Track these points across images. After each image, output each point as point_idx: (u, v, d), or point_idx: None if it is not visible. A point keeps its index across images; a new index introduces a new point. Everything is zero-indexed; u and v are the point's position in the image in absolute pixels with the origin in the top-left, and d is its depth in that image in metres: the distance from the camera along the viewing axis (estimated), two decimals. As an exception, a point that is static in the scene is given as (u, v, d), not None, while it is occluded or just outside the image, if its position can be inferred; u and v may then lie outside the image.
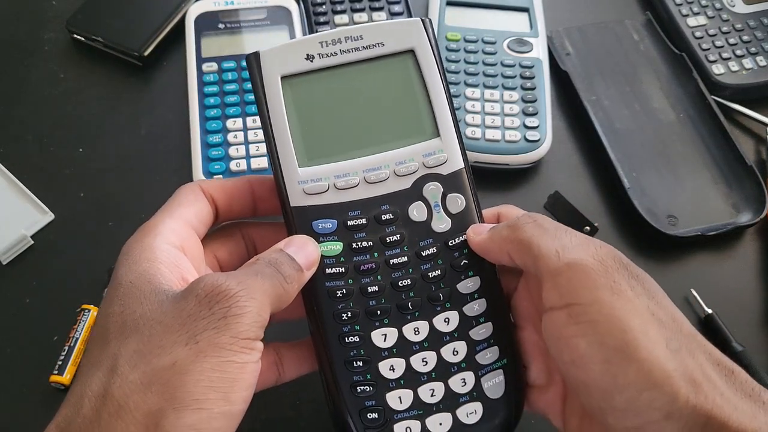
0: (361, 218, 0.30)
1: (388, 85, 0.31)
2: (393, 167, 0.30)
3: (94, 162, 0.48)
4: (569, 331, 0.25)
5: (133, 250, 0.27)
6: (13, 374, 0.39)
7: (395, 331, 0.29)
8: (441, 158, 0.31)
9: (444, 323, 0.30)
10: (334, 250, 0.29)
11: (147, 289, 0.25)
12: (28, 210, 0.45)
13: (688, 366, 0.23)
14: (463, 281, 0.30)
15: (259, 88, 0.30)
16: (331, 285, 0.29)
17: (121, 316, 0.25)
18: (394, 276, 0.30)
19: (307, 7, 0.54)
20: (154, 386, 0.23)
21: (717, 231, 0.45)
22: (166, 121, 0.50)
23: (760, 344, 0.42)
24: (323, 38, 0.30)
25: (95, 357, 0.24)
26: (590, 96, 0.52)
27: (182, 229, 0.29)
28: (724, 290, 0.44)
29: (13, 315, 0.41)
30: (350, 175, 0.30)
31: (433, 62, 0.31)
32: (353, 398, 0.29)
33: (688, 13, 0.56)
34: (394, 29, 0.31)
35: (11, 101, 0.51)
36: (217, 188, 0.31)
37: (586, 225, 0.46)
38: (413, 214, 0.30)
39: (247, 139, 0.47)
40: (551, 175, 0.49)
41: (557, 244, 0.27)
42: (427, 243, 0.30)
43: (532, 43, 0.52)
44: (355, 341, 0.29)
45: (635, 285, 0.26)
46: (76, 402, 0.23)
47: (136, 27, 0.53)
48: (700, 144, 0.50)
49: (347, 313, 0.29)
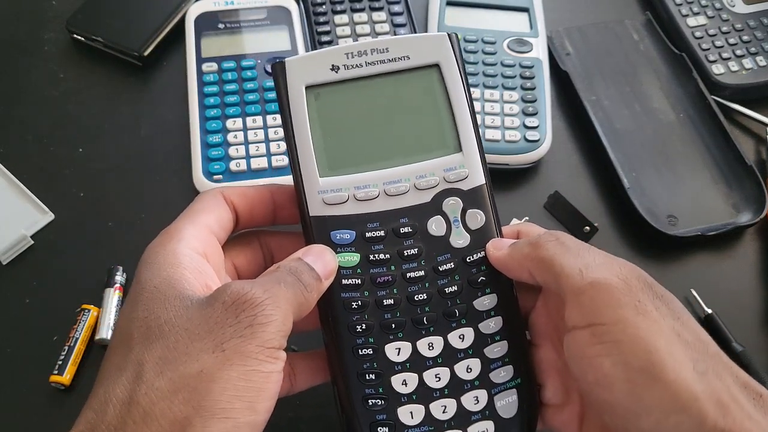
0: (380, 230, 0.30)
1: (412, 99, 0.31)
2: (414, 180, 0.30)
3: (94, 162, 0.48)
4: (593, 351, 0.25)
5: (157, 255, 0.26)
6: (13, 374, 0.39)
7: (409, 346, 0.29)
8: (462, 173, 0.30)
9: (459, 340, 0.29)
10: (351, 261, 0.29)
11: (171, 295, 0.25)
12: (28, 210, 0.45)
13: (716, 388, 0.23)
14: (480, 298, 0.30)
15: (283, 97, 0.30)
16: (346, 296, 0.29)
17: (146, 321, 0.24)
18: (410, 290, 0.29)
19: (306, 7, 0.54)
20: (181, 394, 0.22)
21: (717, 231, 0.45)
22: (166, 121, 0.50)
23: (760, 344, 0.42)
24: (349, 49, 0.30)
25: (118, 362, 0.24)
26: (590, 96, 0.52)
27: (204, 236, 0.28)
28: (724, 290, 0.44)
29: (13, 315, 0.41)
30: (370, 187, 0.30)
31: (458, 77, 0.31)
32: (365, 411, 0.29)
33: (688, 13, 0.56)
34: (420, 43, 0.31)
35: (11, 101, 0.51)
36: (239, 195, 0.31)
37: (586, 225, 0.46)
38: (432, 228, 0.30)
39: (247, 139, 0.47)
40: (551, 175, 0.49)
41: (580, 263, 0.26)
42: (444, 258, 0.30)
43: (532, 43, 0.52)
44: (368, 354, 0.29)
45: (660, 305, 0.25)
46: (99, 408, 0.23)
47: (136, 27, 0.53)
48: (700, 144, 0.50)
49: (362, 325, 0.29)
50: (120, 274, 0.42)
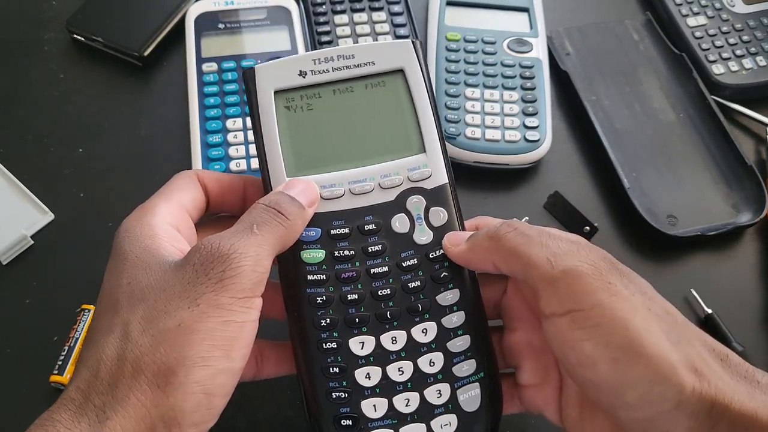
0: (345, 228, 0.30)
1: (377, 102, 0.32)
2: (378, 180, 0.31)
3: (94, 162, 0.48)
4: (574, 336, 0.26)
5: (134, 228, 0.28)
6: (13, 374, 0.39)
7: (373, 340, 0.30)
8: (425, 173, 0.31)
9: (422, 334, 0.30)
10: (316, 257, 0.30)
11: (152, 262, 0.27)
12: (28, 210, 0.45)
13: (690, 355, 0.25)
14: (443, 293, 0.30)
15: (253, 101, 0.31)
16: (311, 291, 0.30)
17: (129, 287, 0.26)
18: (374, 285, 0.30)
19: (306, 7, 0.54)
20: (162, 347, 0.24)
21: (717, 231, 0.45)
22: (166, 121, 0.50)
23: (760, 344, 0.42)
24: (317, 56, 0.32)
25: (106, 325, 0.26)
26: (590, 96, 0.52)
27: (178, 212, 0.30)
28: (724, 290, 0.44)
29: (13, 315, 0.41)
30: (336, 186, 0.31)
31: (422, 81, 0.32)
32: (328, 404, 0.29)
33: (688, 13, 0.56)
34: (384, 50, 0.32)
35: (11, 101, 0.51)
36: (213, 180, 0.32)
37: (586, 225, 0.46)
38: (396, 225, 0.31)
39: (247, 139, 0.47)
40: (551, 175, 0.49)
41: (547, 252, 0.27)
42: (408, 254, 0.30)
43: (532, 43, 0.52)
44: (332, 348, 0.29)
45: (628, 283, 0.26)
46: (92, 366, 0.25)
47: (136, 27, 0.53)
48: (700, 144, 0.50)
49: (326, 319, 0.29)
50: (120, 274, 0.42)
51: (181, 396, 0.24)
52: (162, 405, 0.24)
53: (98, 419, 0.24)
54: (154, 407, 0.24)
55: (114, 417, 0.23)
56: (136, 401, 0.24)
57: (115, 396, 0.24)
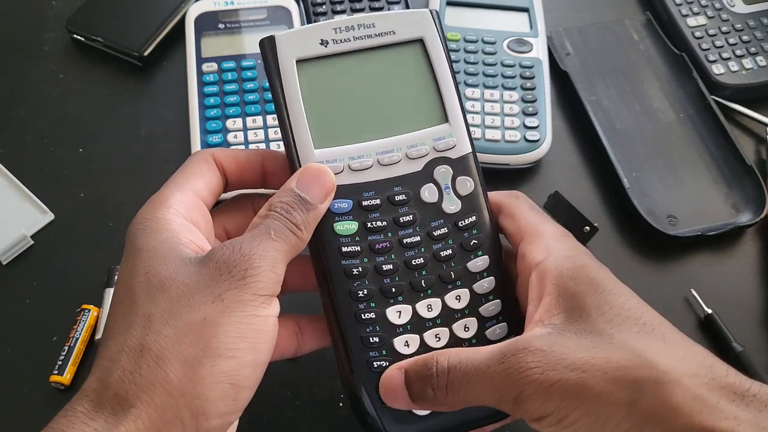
0: (375, 199, 0.30)
1: (398, 72, 0.32)
2: (405, 150, 0.31)
3: (94, 162, 0.48)
4: None
5: (149, 222, 0.28)
6: (13, 374, 0.39)
7: (410, 308, 0.30)
8: (450, 143, 0.31)
9: (455, 300, 0.31)
10: (350, 229, 0.30)
11: (170, 255, 0.27)
12: (28, 210, 0.45)
13: None
14: (473, 260, 0.31)
15: (273, 71, 0.31)
16: (347, 263, 0.30)
17: (146, 277, 0.26)
18: (407, 255, 0.30)
19: (306, 7, 0.54)
20: (188, 338, 0.25)
21: (717, 231, 0.45)
22: (166, 121, 0.50)
23: (760, 344, 0.42)
24: (337, 24, 0.31)
25: (124, 316, 0.26)
26: (590, 96, 0.52)
27: (192, 202, 0.30)
28: (724, 290, 0.44)
29: (13, 315, 0.41)
30: (364, 157, 0.31)
31: (442, 51, 0.32)
32: (370, 374, 0.29)
33: (688, 13, 0.56)
34: (404, 18, 0.32)
35: (11, 101, 0.51)
36: (230, 158, 0.32)
37: (586, 225, 0.46)
38: (425, 195, 0.31)
39: (247, 139, 0.47)
40: (551, 175, 0.49)
41: None
42: (438, 224, 0.31)
43: (532, 43, 0.52)
44: (371, 317, 0.30)
45: None
46: (112, 357, 0.25)
47: (136, 27, 0.53)
48: (700, 144, 0.50)
49: (363, 290, 0.30)
50: (120, 274, 0.42)
51: (208, 386, 0.24)
52: (189, 393, 0.24)
53: (122, 407, 0.24)
54: (181, 396, 0.24)
55: (139, 405, 0.23)
56: (162, 390, 0.24)
57: (139, 385, 0.24)
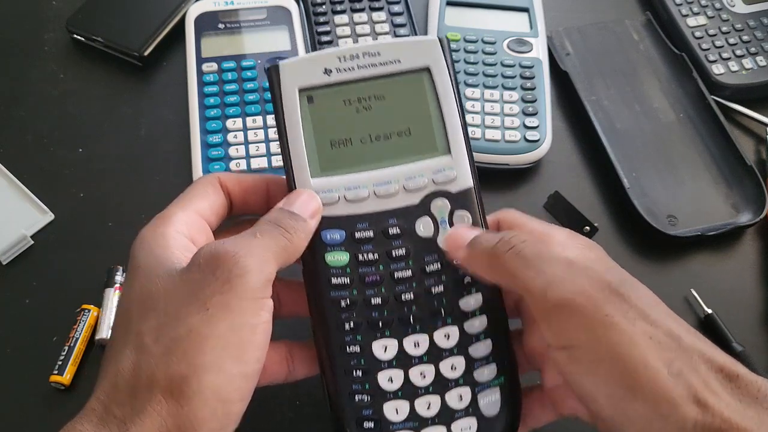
0: (369, 231, 0.30)
1: (402, 101, 0.31)
2: (403, 182, 0.31)
3: (94, 162, 0.48)
4: (572, 370, 0.26)
5: (148, 238, 0.28)
6: (13, 374, 0.39)
7: (396, 343, 0.30)
8: (450, 175, 0.31)
9: (444, 338, 0.30)
10: (341, 261, 0.30)
11: (160, 271, 0.27)
12: (28, 210, 0.45)
13: (692, 385, 0.24)
14: (465, 298, 0.30)
15: (277, 99, 0.31)
16: (336, 295, 0.30)
17: (140, 296, 0.27)
18: (397, 289, 0.30)
19: (306, 7, 0.54)
20: (174, 355, 0.24)
21: (717, 231, 0.45)
22: (166, 121, 0.50)
23: (760, 344, 0.42)
24: (342, 53, 0.31)
25: (122, 336, 0.26)
26: (590, 96, 0.52)
27: (194, 221, 0.30)
28: (724, 290, 0.44)
29: (13, 315, 0.41)
30: (360, 188, 0.30)
31: (448, 81, 0.31)
32: (351, 406, 0.29)
33: (688, 13, 0.56)
34: (411, 47, 0.31)
35: (11, 101, 0.51)
36: (235, 182, 0.32)
37: (586, 225, 0.46)
38: (420, 229, 0.30)
39: (247, 139, 0.47)
40: (551, 175, 0.49)
41: (541, 280, 0.26)
42: (431, 258, 0.30)
43: (532, 43, 0.52)
44: (356, 351, 0.29)
45: (627, 310, 0.25)
46: (111, 379, 0.25)
47: (136, 27, 0.53)
48: (700, 144, 0.50)
49: (350, 323, 0.29)
50: (120, 274, 0.42)
51: (196, 404, 0.24)
52: (177, 415, 0.24)
53: (119, 430, 0.24)
54: (170, 417, 0.24)
55: (133, 429, 0.24)
56: (153, 412, 0.24)
57: (134, 408, 0.24)
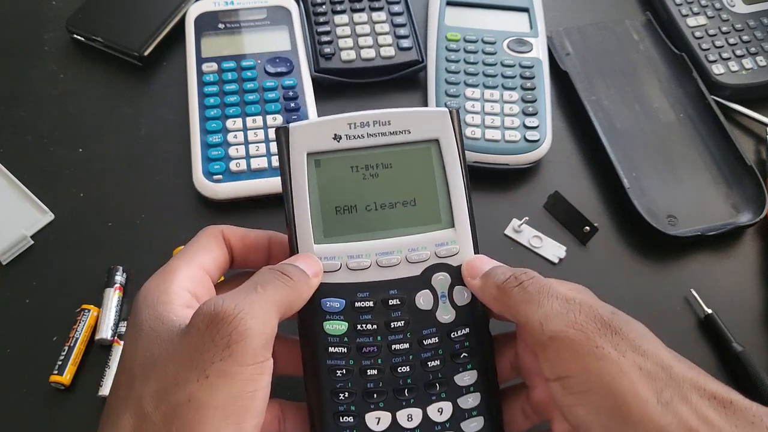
0: (369, 301, 0.30)
1: (409, 171, 0.32)
2: (405, 253, 0.31)
3: (94, 162, 0.48)
4: (567, 401, 0.26)
5: (151, 294, 0.28)
6: (13, 374, 0.39)
7: (389, 416, 0.29)
8: (453, 249, 0.31)
9: (437, 413, 0.30)
10: (339, 329, 0.30)
11: (161, 331, 0.27)
12: (28, 210, 0.45)
13: (683, 415, 0.24)
14: (461, 373, 0.30)
15: (285, 161, 0.31)
16: (332, 363, 0.29)
17: (143, 359, 0.26)
18: (394, 361, 0.30)
19: (306, 7, 0.54)
20: (173, 424, 0.24)
21: (717, 231, 0.45)
22: (166, 121, 0.50)
23: (760, 344, 0.42)
24: (352, 120, 0.31)
25: (123, 396, 0.26)
26: (590, 96, 0.52)
27: (197, 276, 0.30)
28: (724, 290, 0.44)
29: (13, 315, 0.41)
30: (363, 257, 0.30)
31: (456, 154, 0.31)
32: None
33: (688, 13, 0.56)
34: (421, 117, 0.32)
35: (11, 101, 0.51)
36: (238, 238, 0.32)
37: (586, 225, 0.46)
38: (420, 302, 0.30)
39: (247, 139, 0.47)
40: (551, 175, 0.49)
41: (540, 314, 0.27)
42: (429, 332, 0.30)
43: (532, 43, 0.52)
44: (349, 421, 0.29)
45: (618, 342, 0.26)
46: None
47: (136, 27, 0.53)
48: (700, 144, 0.50)
49: (345, 392, 0.29)
50: (120, 274, 0.42)
51: None
52: None
53: None
54: None
55: None
56: None
57: None
